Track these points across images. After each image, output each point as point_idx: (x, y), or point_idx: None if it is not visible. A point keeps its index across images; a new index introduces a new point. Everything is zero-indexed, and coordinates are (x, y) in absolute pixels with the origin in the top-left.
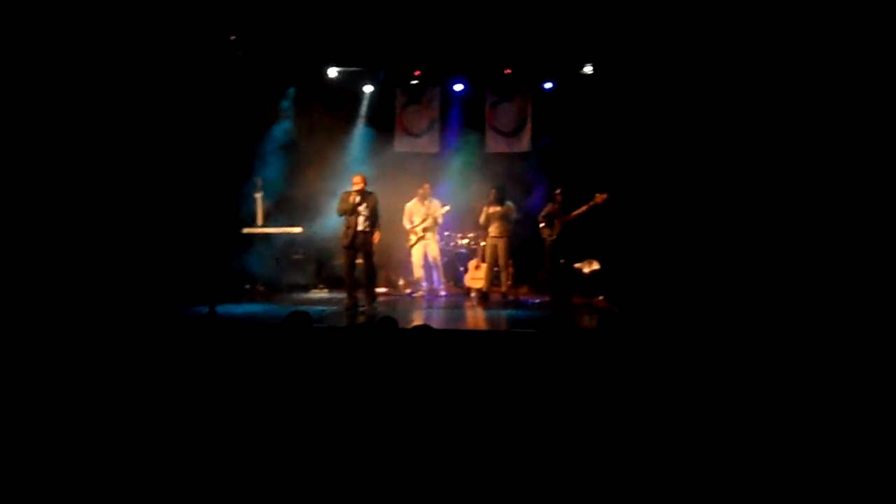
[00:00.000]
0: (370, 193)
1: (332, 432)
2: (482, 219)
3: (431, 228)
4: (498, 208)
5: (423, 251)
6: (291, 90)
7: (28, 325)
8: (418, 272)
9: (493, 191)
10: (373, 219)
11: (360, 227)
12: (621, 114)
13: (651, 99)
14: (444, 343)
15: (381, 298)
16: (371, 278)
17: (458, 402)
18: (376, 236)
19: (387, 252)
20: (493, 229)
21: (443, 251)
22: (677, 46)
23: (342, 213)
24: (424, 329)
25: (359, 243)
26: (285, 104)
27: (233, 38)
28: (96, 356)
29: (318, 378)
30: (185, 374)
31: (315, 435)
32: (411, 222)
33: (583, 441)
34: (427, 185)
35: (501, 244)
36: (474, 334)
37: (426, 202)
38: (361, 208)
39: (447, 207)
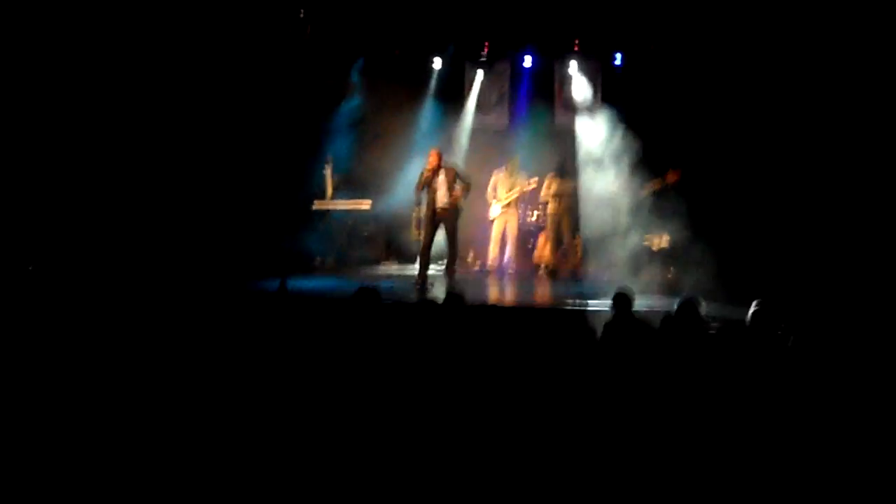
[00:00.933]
0: (449, 167)
1: (396, 407)
2: (542, 193)
3: (515, 203)
4: (560, 182)
5: (504, 225)
6: (359, 63)
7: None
8: (495, 247)
9: (559, 163)
10: (453, 192)
11: (439, 203)
12: (691, 90)
13: (719, 75)
14: (510, 319)
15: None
16: (452, 254)
17: (520, 380)
18: (451, 203)
19: (464, 227)
20: (554, 204)
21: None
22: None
23: (420, 189)
24: (491, 307)
25: (439, 219)
26: (354, 79)
27: (302, 14)
28: (167, 331)
29: (386, 353)
30: (255, 348)
31: (380, 410)
32: (496, 194)
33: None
34: (516, 159)
35: (565, 219)
36: (539, 311)
37: (514, 175)
38: (440, 183)
39: (535, 180)
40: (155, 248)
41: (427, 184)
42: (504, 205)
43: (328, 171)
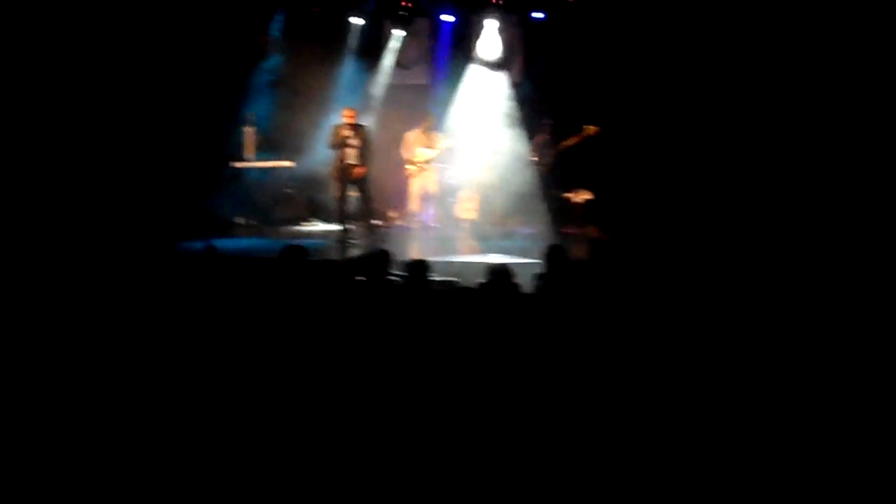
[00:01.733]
0: (362, 127)
1: (330, 370)
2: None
3: (432, 161)
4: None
5: (422, 183)
6: (279, 20)
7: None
8: (415, 204)
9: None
10: (365, 152)
11: (350, 160)
12: (613, 44)
13: (640, 28)
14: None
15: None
16: (367, 210)
17: (453, 339)
18: (361, 170)
19: (378, 184)
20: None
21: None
22: None
23: (333, 146)
24: (420, 263)
25: (350, 176)
26: (274, 36)
27: None
28: (95, 294)
29: (315, 313)
30: (185, 310)
31: (314, 373)
32: (411, 153)
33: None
34: (432, 118)
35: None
36: (468, 266)
37: (429, 134)
38: (352, 141)
39: (452, 142)
40: (73, 214)
41: (339, 142)
42: (421, 163)
43: (249, 130)
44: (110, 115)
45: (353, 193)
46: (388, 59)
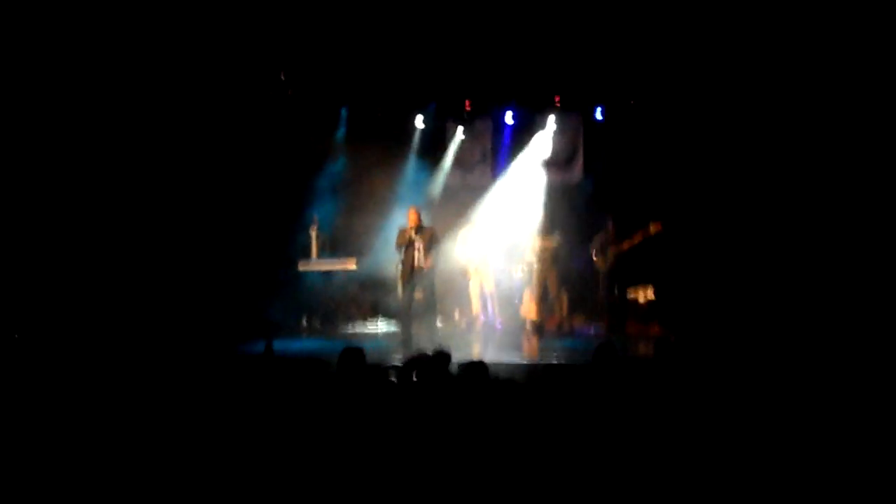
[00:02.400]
0: (426, 227)
1: (385, 467)
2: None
3: (486, 260)
4: (545, 239)
5: (479, 282)
6: (342, 124)
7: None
8: (476, 304)
9: (544, 220)
10: (431, 252)
11: (416, 262)
12: (672, 143)
13: (701, 127)
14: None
15: (438, 332)
16: (431, 312)
17: (513, 437)
18: (427, 263)
19: (444, 285)
20: (543, 260)
21: (498, 283)
22: (728, 76)
23: (399, 247)
24: (478, 364)
25: (417, 278)
26: (338, 139)
27: (283, 77)
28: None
29: (371, 413)
30: (241, 411)
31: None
32: (468, 256)
33: (637, 471)
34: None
35: (551, 274)
36: (527, 367)
37: (485, 237)
38: (418, 243)
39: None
40: (140, 312)
41: (406, 243)
42: (477, 263)
43: (313, 232)
44: (182, 216)
45: (418, 295)
46: (447, 160)
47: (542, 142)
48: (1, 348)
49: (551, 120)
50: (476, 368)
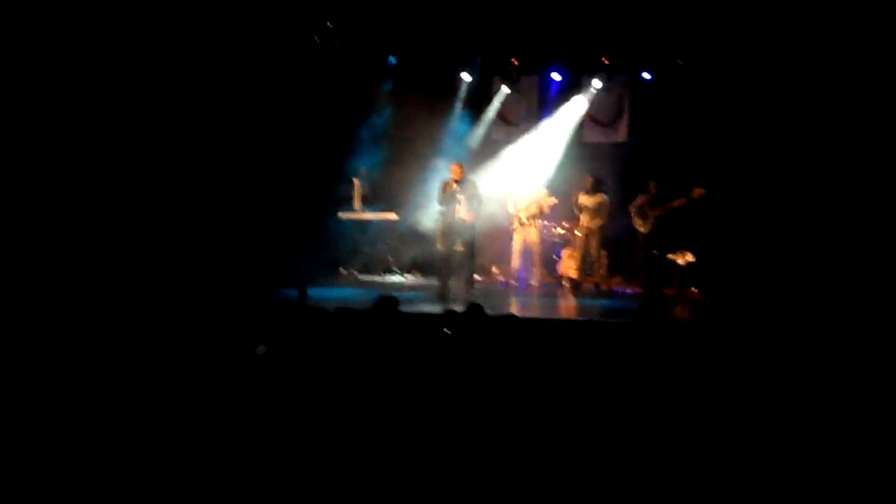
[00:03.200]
0: (469, 181)
1: (414, 418)
2: (575, 207)
3: (535, 216)
4: (592, 197)
5: (524, 239)
6: (389, 74)
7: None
8: (516, 260)
9: (590, 179)
10: (473, 205)
11: (459, 215)
12: (719, 107)
13: (750, 92)
14: (532, 332)
15: (475, 286)
16: (470, 266)
17: (544, 393)
18: (470, 216)
19: (482, 240)
20: (585, 218)
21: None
22: (776, 40)
23: (442, 201)
24: (511, 318)
25: (458, 230)
26: (384, 89)
27: (329, 24)
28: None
29: (405, 363)
30: (273, 357)
31: (399, 421)
32: (515, 208)
33: (671, 433)
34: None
35: (595, 234)
36: (565, 323)
37: (534, 191)
38: (461, 196)
39: (554, 199)
40: (178, 255)
41: (448, 197)
42: (524, 219)
43: (357, 182)
44: (229, 162)
45: (458, 248)
46: (492, 115)
47: (588, 101)
48: (42, 282)
49: (597, 80)
50: (508, 322)
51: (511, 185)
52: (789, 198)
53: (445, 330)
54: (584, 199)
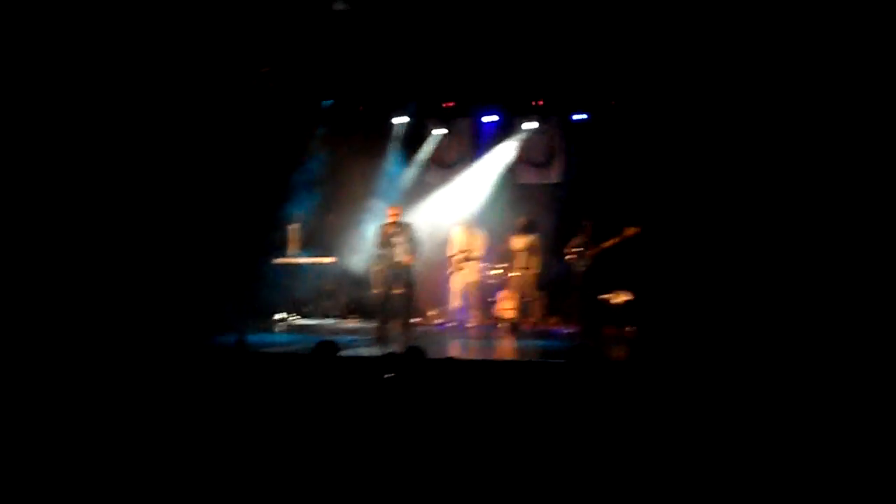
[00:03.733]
0: (406, 224)
1: (355, 461)
2: (509, 249)
3: (473, 259)
4: (523, 238)
5: (463, 280)
6: (322, 125)
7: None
8: (455, 301)
9: (521, 220)
10: (411, 248)
11: (397, 258)
12: (652, 146)
13: (680, 131)
14: (472, 374)
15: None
16: (409, 308)
17: (484, 433)
18: (408, 259)
19: (420, 282)
20: (520, 260)
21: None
22: (707, 80)
23: (380, 244)
24: (450, 361)
25: (397, 273)
26: (320, 132)
27: (265, 69)
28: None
29: (344, 407)
30: (213, 403)
31: (339, 463)
32: (452, 250)
33: (610, 470)
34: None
35: (529, 275)
36: (504, 364)
37: (471, 232)
38: (398, 239)
39: (485, 235)
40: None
41: (386, 240)
42: (461, 261)
43: (293, 227)
44: (158, 209)
45: (396, 291)
46: (425, 156)
47: (521, 142)
48: None
49: (530, 122)
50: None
51: (448, 227)
52: (723, 232)
53: (386, 375)
54: (515, 242)
